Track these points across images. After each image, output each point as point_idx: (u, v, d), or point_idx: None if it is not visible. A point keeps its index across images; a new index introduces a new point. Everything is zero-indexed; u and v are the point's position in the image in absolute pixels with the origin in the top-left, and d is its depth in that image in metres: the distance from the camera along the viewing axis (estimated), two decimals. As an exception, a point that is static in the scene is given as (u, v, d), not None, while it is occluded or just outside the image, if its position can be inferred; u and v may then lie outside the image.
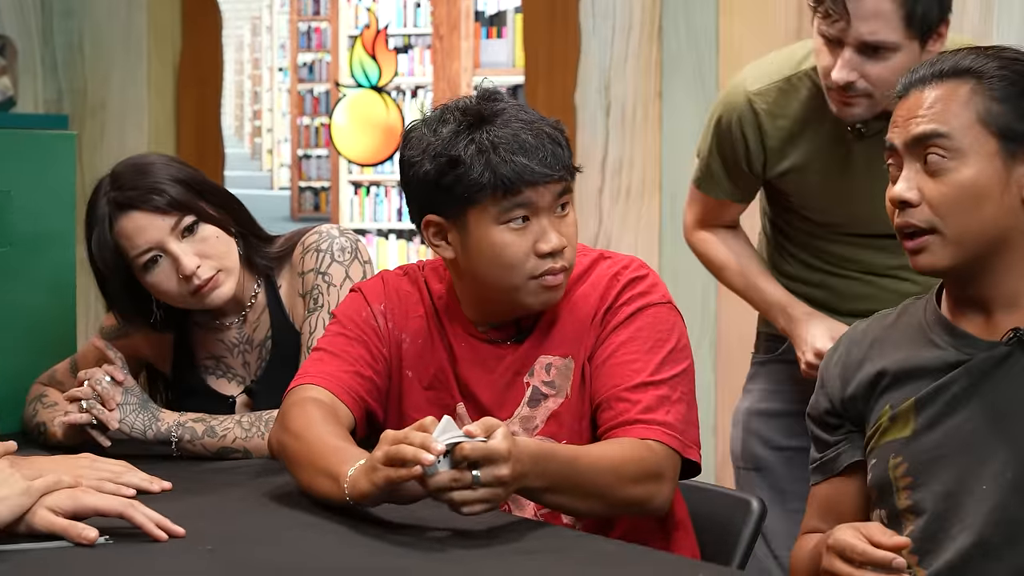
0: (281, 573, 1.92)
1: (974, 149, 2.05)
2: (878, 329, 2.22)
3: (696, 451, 2.31)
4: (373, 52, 9.81)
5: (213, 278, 2.67)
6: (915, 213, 2.06)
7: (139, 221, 2.66)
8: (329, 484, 2.16)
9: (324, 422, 2.29)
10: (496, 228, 2.29)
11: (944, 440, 2.09)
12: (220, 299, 2.70)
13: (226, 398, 2.83)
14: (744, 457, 3.09)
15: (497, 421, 2.04)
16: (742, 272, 3.00)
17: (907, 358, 2.14)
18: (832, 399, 2.22)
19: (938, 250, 2.06)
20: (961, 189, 2.04)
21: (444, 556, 1.99)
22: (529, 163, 2.25)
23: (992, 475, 2.04)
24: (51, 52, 5.21)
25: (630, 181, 4.46)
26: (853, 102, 2.69)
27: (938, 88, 2.07)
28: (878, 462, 2.14)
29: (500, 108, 2.30)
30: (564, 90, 4.51)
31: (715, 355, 4.36)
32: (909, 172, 2.07)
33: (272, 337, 2.80)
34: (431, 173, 2.29)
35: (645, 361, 2.33)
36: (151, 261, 2.67)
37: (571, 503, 2.20)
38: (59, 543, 1.99)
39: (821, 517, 2.24)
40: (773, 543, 3.03)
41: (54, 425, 2.73)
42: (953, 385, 2.08)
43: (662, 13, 4.39)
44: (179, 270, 2.66)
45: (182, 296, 2.69)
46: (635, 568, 1.98)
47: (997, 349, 2.06)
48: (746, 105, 2.88)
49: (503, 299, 2.35)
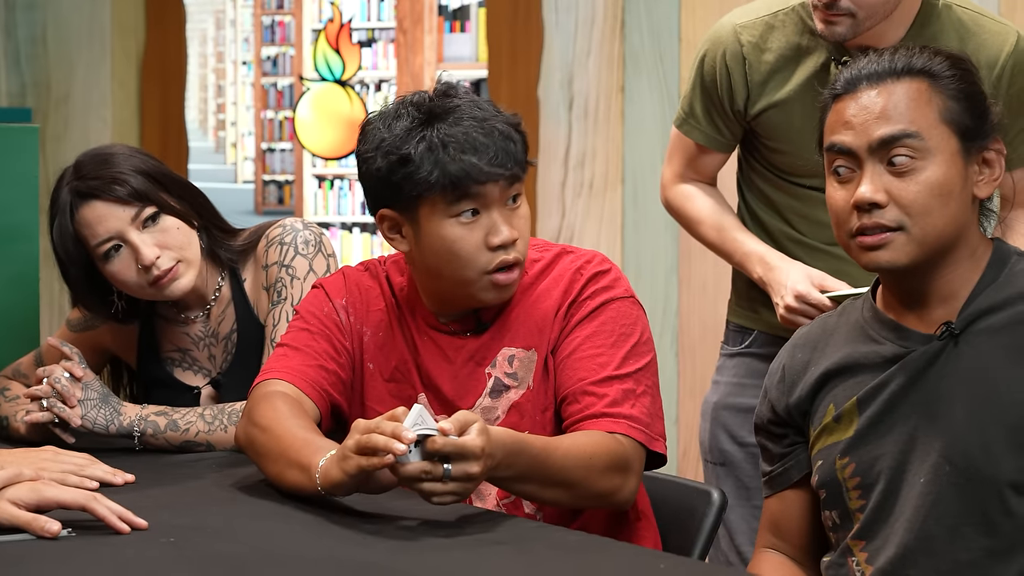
0: (243, 564, 1.91)
1: (940, 148, 2.05)
2: (819, 331, 2.23)
3: (662, 443, 2.33)
4: (337, 46, 9.78)
5: (172, 269, 2.66)
6: (883, 214, 2.05)
7: (100, 211, 2.66)
8: (299, 475, 2.16)
9: (292, 415, 2.29)
10: (446, 222, 2.29)
11: (886, 437, 2.10)
12: (179, 290, 2.69)
13: (191, 389, 2.81)
14: (711, 451, 3.08)
15: (473, 416, 2.04)
16: (718, 226, 2.97)
17: (848, 355, 2.15)
18: (776, 407, 2.23)
19: (901, 248, 2.06)
20: (931, 188, 2.04)
21: (408, 546, 1.99)
22: (477, 162, 2.25)
23: (930, 469, 2.05)
24: (14, 45, 5.18)
25: (592, 174, 4.46)
26: (836, 20, 2.70)
27: (895, 87, 2.06)
28: (824, 463, 2.15)
29: (453, 105, 2.30)
30: (527, 84, 4.51)
31: (677, 347, 4.37)
32: (873, 173, 2.06)
33: (237, 330, 2.79)
34: (383, 169, 2.30)
35: (610, 355, 2.34)
36: (111, 250, 2.66)
37: (539, 493, 2.21)
38: (22, 536, 1.98)
39: (774, 531, 2.26)
40: (737, 538, 3.03)
41: (17, 420, 2.72)
42: (891, 383, 2.09)
43: (624, 8, 4.39)
44: (138, 260, 2.65)
45: (141, 287, 2.68)
46: (597, 558, 1.98)
47: (931, 344, 2.07)
48: (732, 38, 2.88)
49: (458, 292, 2.36)
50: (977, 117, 2.08)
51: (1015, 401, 2.02)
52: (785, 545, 2.25)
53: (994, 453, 2.01)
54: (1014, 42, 2.80)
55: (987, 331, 2.05)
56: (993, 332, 2.05)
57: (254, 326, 2.78)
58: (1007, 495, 2.01)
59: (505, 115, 2.33)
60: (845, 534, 2.14)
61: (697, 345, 4.33)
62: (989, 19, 2.84)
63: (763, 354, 2.92)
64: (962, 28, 2.80)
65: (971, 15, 2.82)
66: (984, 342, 2.05)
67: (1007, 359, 2.03)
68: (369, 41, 12.51)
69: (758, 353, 2.99)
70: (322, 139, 9.82)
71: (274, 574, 1.88)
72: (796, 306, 2.73)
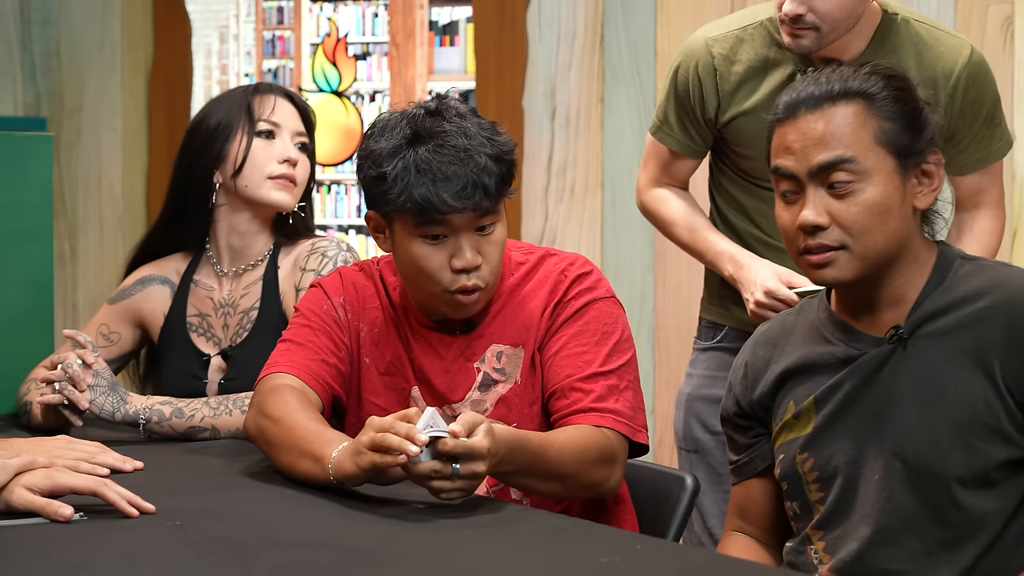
0: (244, 546, 1.91)
1: (876, 168, 2.04)
2: (779, 329, 2.23)
3: (644, 434, 2.34)
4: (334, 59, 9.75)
5: (294, 184, 2.83)
6: (826, 235, 2.04)
7: (284, 105, 2.87)
8: (312, 465, 2.16)
9: (301, 408, 2.29)
10: (415, 240, 2.29)
11: (841, 435, 2.10)
12: (285, 201, 2.83)
13: (202, 355, 2.83)
14: (685, 440, 3.09)
15: (480, 417, 2.05)
16: (690, 227, 2.97)
17: (805, 355, 2.15)
18: (740, 402, 2.23)
19: (845, 265, 2.05)
20: (869, 208, 2.03)
21: (400, 530, 1.98)
22: (443, 193, 2.23)
23: (883, 466, 2.05)
24: (30, 58, 5.17)
25: (574, 180, 4.46)
26: (802, 34, 2.72)
27: (832, 112, 2.05)
28: (785, 457, 2.15)
29: (441, 129, 2.26)
30: (512, 95, 4.51)
31: (653, 342, 4.37)
32: (815, 197, 2.05)
33: (259, 309, 2.81)
34: (366, 180, 2.31)
35: (594, 353, 2.34)
36: (269, 133, 2.83)
37: (536, 485, 2.22)
38: (36, 520, 1.98)
39: (741, 516, 2.27)
40: (709, 521, 3.03)
41: (35, 405, 2.73)
42: (845, 383, 2.09)
43: (604, 24, 4.39)
44: (285, 153, 2.82)
45: (263, 176, 2.82)
46: (579, 540, 1.99)
47: (882, 348, 2.07)
48: (704, 50, 2.89)
49: (427, 301, 2.36)
50: (913, 134, 2.06)
51: (961, 401, 2.01)
52: (752, 528, 2.25)
53: (942, 450, 2.01)
54: (968, 54, 2.80)
55: (933, 334, 2.05)
56: (939, 336, 2.05)
57: (276, 311, 2.79)
58: (955, 489, 2.01)
59: (496, 142, 2.28)
60: (805, 523, 2.14)
61: (672, 340, 4.33)
62: (944, 33, 2.84)
63: (733, 348, 2.93)
64: (919, 41, 2.80)
65: (928, 29, 2.83)
66: (931, 345, 2.05)
67: (952, 361, 2.03)
68: (364, 54, 12.49)
69: (729, 347, 2.99)
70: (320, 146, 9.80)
71: (273, 555, 1.88)
72: (765, 301, 2.73)
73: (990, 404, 2.00)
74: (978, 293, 2.05)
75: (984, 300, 2.04)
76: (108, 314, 2.93)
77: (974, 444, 2.00)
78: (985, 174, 2.89)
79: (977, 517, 2.01)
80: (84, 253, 5.09)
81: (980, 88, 2.81)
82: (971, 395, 2.01)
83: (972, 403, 2.01)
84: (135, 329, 2.92)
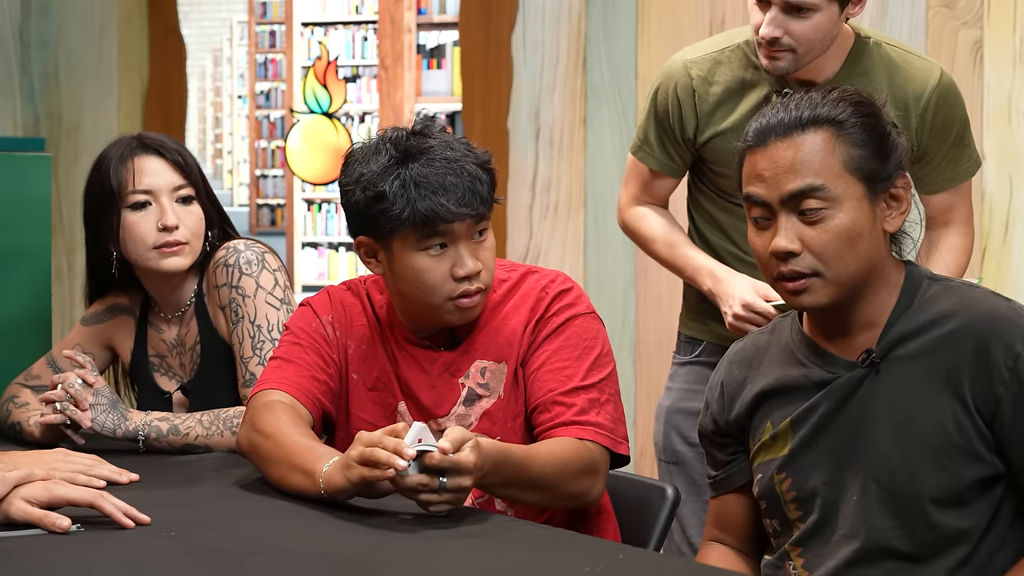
0: (238, 556, 1.91)
1: (846, 195, 2.02)
2: (753, 349, 2.21)
3: (625, 445, 2.34)
4: (324, 81, 9.76)
5: (182, 245, 2.71)
6: (799, 261, 2.02)
7: (154, 165, 2.72)
8: (303, 479, 2.16)
9: (292, 424, 2.29)
10: (416, 254, 2.29)
11: (818, 456, 2.09)
12: (174, 267, 2.72)
13: (163, 393, 2.82)
14: (665, 451, 3.08)
15: (468, 434, 2.05)
16: (669, 243, 2.97)
17: (780, 378, 2.13)
18: (717, 420, 2.22)
19: (819, 290, 2.03)
20: (840, 234, 2.02)
21: (389, 540, 1.98)
22: (446, 202, 2.25)
23: (859, 487, 2.04)
24: (29, 80, 5.16)
25: (558, 198, 4.46)
26: (779, 56, 2.72)
27: (801, 140, 2.02)
28: (763, 476, 2.14)
29: (428, 145, 2.28)
30: (498, 116, 4.51)
31: (635, 355, 4.37)
32: (787, 224, 2.03)
33: (200, 342, 2.78)
34: (361, 203, 2.30)
35: (576, 367, 2.34)
36: (142, 204, 2.71)
37: (520, 496, 2.22)
38: (35, 531, 1.97)
39: (719, 527, 2.26)
40: (688, 530, 3.03)
41: (30, 424, 2.71)
42: (820, 406, 2.08)
43: (586, 48, 4.40)
44: (161, 220, 2.69)
45: (147, 247, 2.71)
46: (563, 549, 1.99)
47: (855, 371, 2.06)
48: (683, 72, 2.89)
49: (426, 313, 2.35)
50: (881, 159, 2.04)
51: (933, 423, 2.00)
52: (730, 539, 2.25)
53: (916, 473, 2.01)
54: (938, 77, 2.81)
55: (905, 358, 2.04)
56: (910, 359, 2.03)
57: (215, 340, 2.76)
58: (930, 510, 2.00)
59: (476, 153, 2.31)
60: (785, 540, 2.14)
61: (653, 354, 4.33)
62: (915, 56, 2.85)
63: (712, 363, 2.91)
64: (891, 64, 2.81)
65: (899, 52, 2.84)
66: (902, 368, 2.04)
67: (923, 385, 2.02)
68: (354, 77, 12.50)
69: (707, 362, 2.99)
70: (311, 166, 9.79)
71: (266, 565, 1.88)
72: (744, 314, 2.73)
73: (961, 426, 1.99)
74: (946, 316, 2.03)
75: (951, 323, 2.02)
76: (82, 335, 2.89)
77: (947, 466, 1.99)
78: (955, 193, 2.90)
79: (951, 535, 2.01)
80: (81, 270, 5.05)
81: (950, 110, 2.83)
82: (943, 417, 2.00)
83: (944, 425, 2.00)
84: (107, 351, 2.90)
